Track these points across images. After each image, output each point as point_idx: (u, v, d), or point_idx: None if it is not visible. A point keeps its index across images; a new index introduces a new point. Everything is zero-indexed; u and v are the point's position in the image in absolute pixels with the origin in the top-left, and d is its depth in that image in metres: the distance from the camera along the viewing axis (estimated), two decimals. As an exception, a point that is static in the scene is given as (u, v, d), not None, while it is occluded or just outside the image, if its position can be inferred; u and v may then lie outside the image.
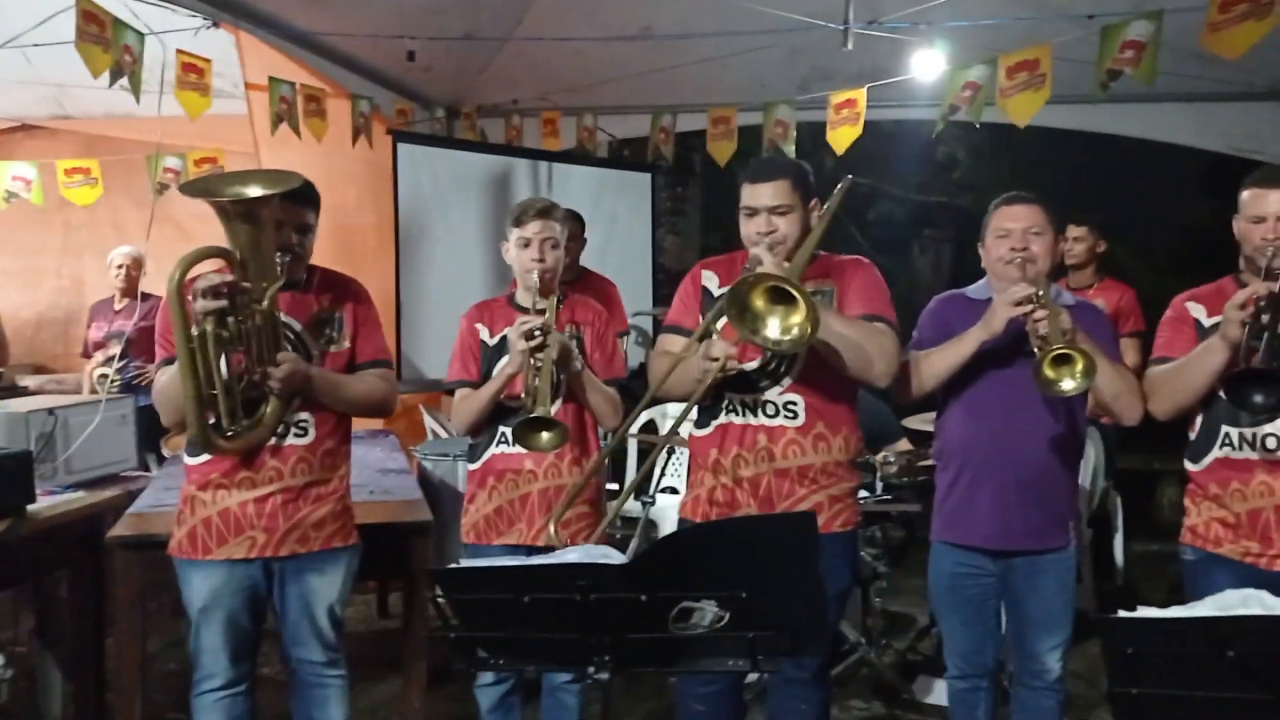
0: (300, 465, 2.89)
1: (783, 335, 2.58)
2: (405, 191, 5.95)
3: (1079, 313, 2.94)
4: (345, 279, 3.09)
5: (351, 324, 2.99)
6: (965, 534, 3.02)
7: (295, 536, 2.89)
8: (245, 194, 2.64)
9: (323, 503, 2.94)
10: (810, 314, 2.52)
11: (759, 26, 5.36)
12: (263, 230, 2.70)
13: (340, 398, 2.93)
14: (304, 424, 2.90)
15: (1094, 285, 5.38)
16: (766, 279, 2.59)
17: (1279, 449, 2.69)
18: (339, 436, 3.00)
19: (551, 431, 2.94)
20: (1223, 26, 3.60)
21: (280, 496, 2.87)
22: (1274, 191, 2.70)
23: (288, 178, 2.74)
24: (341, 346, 2.98)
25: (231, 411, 2.73)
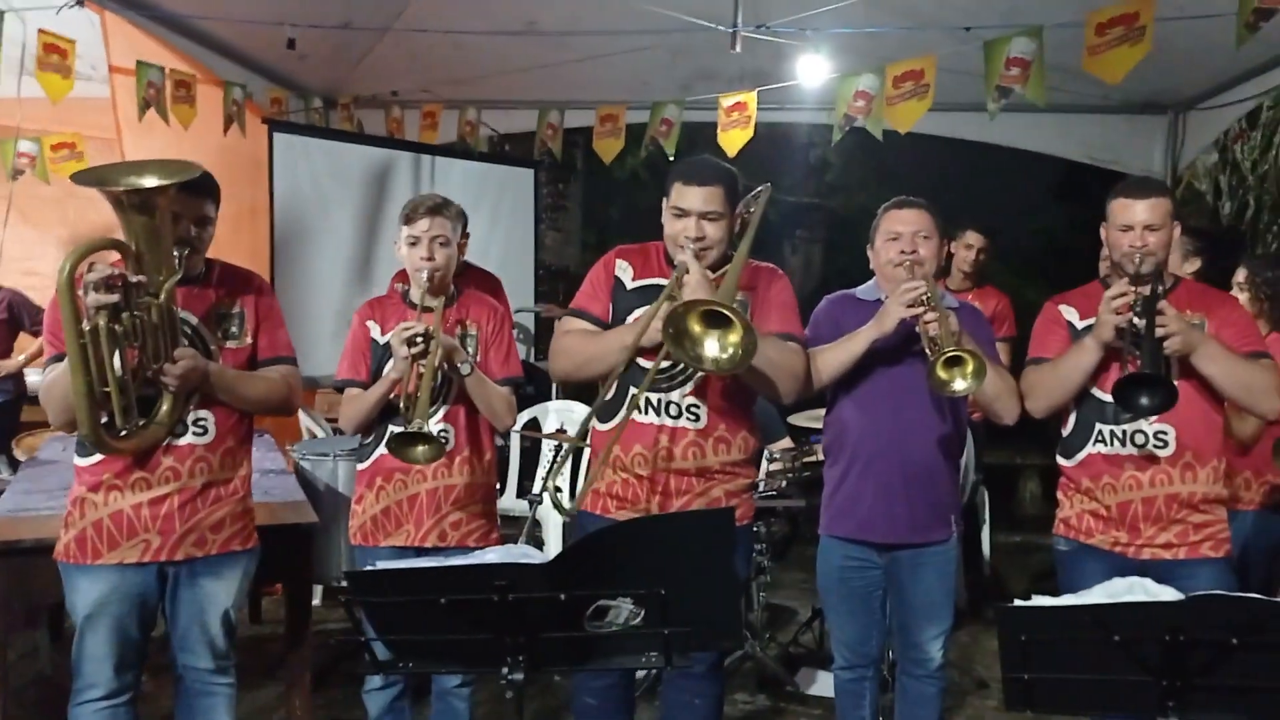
0: (199, 465, 2.78)
1: (720, 354, 2.58)
2: (281, 183, 5.77)
3: (962, 315, 3.04)
4: (247, 273, 2.98)
5: (253, 319, 2.90)
6: (853, 527, 3.10)
7: (192, 539, 2.78)
8: (141, 184, 2.53)
9: (222, 504, 2.83)
10: (747, 336, 2.53)
11: (645, 26, 5.38)
12: (159, 222, 2.59)
13: (240, 395, 2.83)
14: (203, 422, 2.79)
15: (972, 290, 5.59)
16: (703, 304, 2.59)
17: (1148, 444, 2.84)
18: (240, 435, 2.90)
19: (428, 445, 2.90)
20: (1100, 51, 3.79)
21: (177, 498, 2.76)
22: (1140, 201, 2.85)
23: (186, 168, 2.63)
24: (242, 342, 2.88)
25: (125, 410, 2.61)
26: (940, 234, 3.09)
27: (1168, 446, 2.83)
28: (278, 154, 5.72)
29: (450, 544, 3.14)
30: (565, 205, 9.00)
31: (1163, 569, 2.82)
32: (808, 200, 13.95)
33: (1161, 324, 2.69)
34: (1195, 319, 2.85)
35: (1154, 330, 2.68)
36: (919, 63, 4.36)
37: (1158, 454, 2.84)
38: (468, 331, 3.22)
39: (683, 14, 5.15)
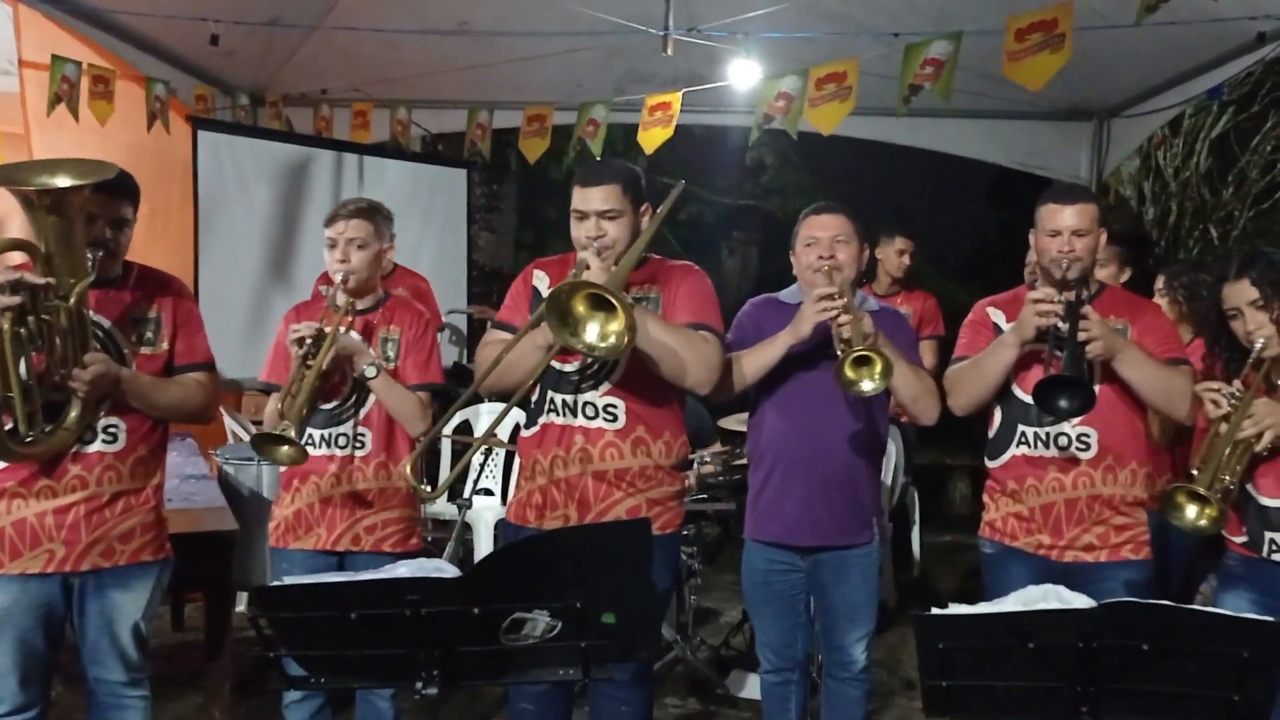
0: (108, 473, 2.71)
1: (599, 341, 2.58)
2: (205, 182, 5.63)
3: (882, 318, 3.08)
4: (165, 276, 2.91)
5: (170, 324, 2.83)
6: (776, 531, 3.11)
7: (99, 549, 2.70)
8: (53, 184, 2.45)
9: (132, 514, 2.76)
10: (628, 321, 2.54)
11: (578, 28, 5.35)
12: (72, 224, 2.52)
13: (153, 402, 2.76)
14: (114, 429, 2.72)
15: (900, 294, 5.64)
16: (586, 286, 2.59)
17: (1071, 446, 2.88)
18: (153, 443, 2.83)
19: (290, 448, 2.89)
20: (1021, 57, 3.84)
21: (84, 506, 2.68)
22: (1067, 208, 2.89)
23: (102, 168, 2.56)
24: (158, 348, 2.81)
25: (30, 416, 2.54)
26: (860, 238, 3.11)
27: (1090, 449, 2.87)
28: (202, 152, 5.58)
29: (364, 548, 3.12)
30: (499, 206, 8.93)
31: (1085, 571, 2.88)
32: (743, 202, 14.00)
33: (1084, 328, 2.73)
34: (1118, 324, 2.90)
35: (1077, 334, 2.71)
36: (842, 65, 4.39)
37: (1080, 456, 2.88)
38: (389, 335, 3.18)
39: (615, 16, 5.13)
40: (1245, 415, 2.53)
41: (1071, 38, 3.78)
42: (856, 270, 3.11)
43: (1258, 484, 2.63)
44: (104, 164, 2.59)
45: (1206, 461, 2.58)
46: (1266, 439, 2.52)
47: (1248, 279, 2.61)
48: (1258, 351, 2.58)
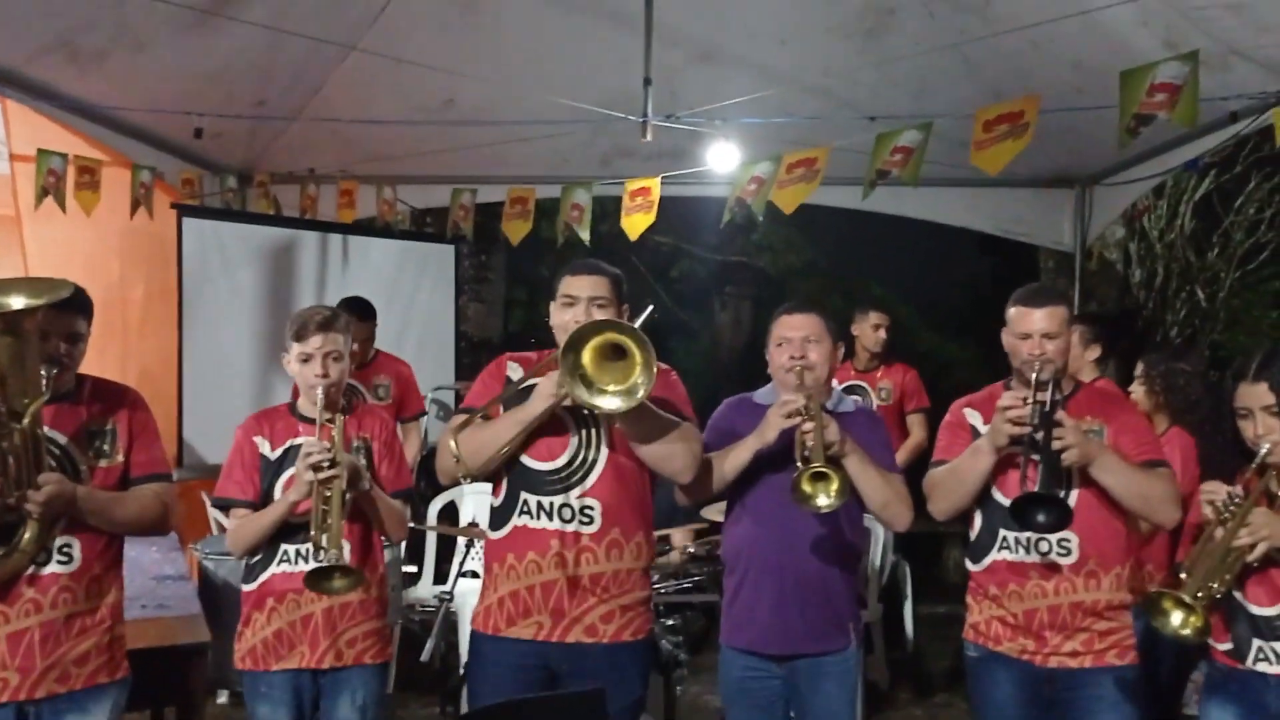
0: (62, 595, 2.67)
1: (622, 398, 2.57)
2: (190, 267, 5.64)
3: (855, 420, 3.08)
4: (119, 388, 2.90)
5: (125, 436, 2.81)
6: (750, 638, 3.09)
7: (54, 675, 2.65)
8: (7, 307, 2.44)
9: (87, 635, 2.72)
10: (644, 356, 2.54)
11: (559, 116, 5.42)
12: (26, 343, 2.51)
13: (110, 519, 2.73)
14: (68, 549, 2.68)
15: (880, 368, 5.65)
16: (607, 328, 2.59)
17: (1051, 552, 2.86)
18: (108, 560, 2.79)
19: (346, 578, 2.84)
20: (986, 145, 3.90)
21: (38, 631, 2.63)
22: (1037, 310, 2.90)
23: (55, 287, 2.55)
24: (114, 461, 2.78)
25: (-17, 541, 2.50)
26: (832, 337, 3.12)
27: (1071, 554, 2.86)
28: (187, 238, 5.60)
29: (346, 662, 3.08)
30: (488, 277, 8.96)
31: (1069, 676, 2.86)
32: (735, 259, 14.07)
33: (1058, 436, 2.72)
34: (1094, 425, 2.89)
35: (1051, 442, 2.71)
36: (814, 152, 4.46)
37: (1061, 562, 2.86)
38: (366, 444, 3.17)
39: (595, 106, 5.19)
40: (1242, 523, 2.48)
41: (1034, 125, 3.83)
42: (830, 369, 3.11)
43: (1247, 592, 2.59)
44: (58, 282, 2.59)
45: (1196, 566, 2.54)
46: (1260, 550, 2.47)
47: (1266, 383, 2.54)
48: (1263, 457, 2.53)
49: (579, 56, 5.78)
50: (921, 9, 5.41)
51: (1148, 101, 3.54)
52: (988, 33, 5.10)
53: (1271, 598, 2.56)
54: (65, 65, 4.64)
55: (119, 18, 4.46)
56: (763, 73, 5.79)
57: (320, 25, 5.26)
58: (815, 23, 5.68)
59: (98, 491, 2.71)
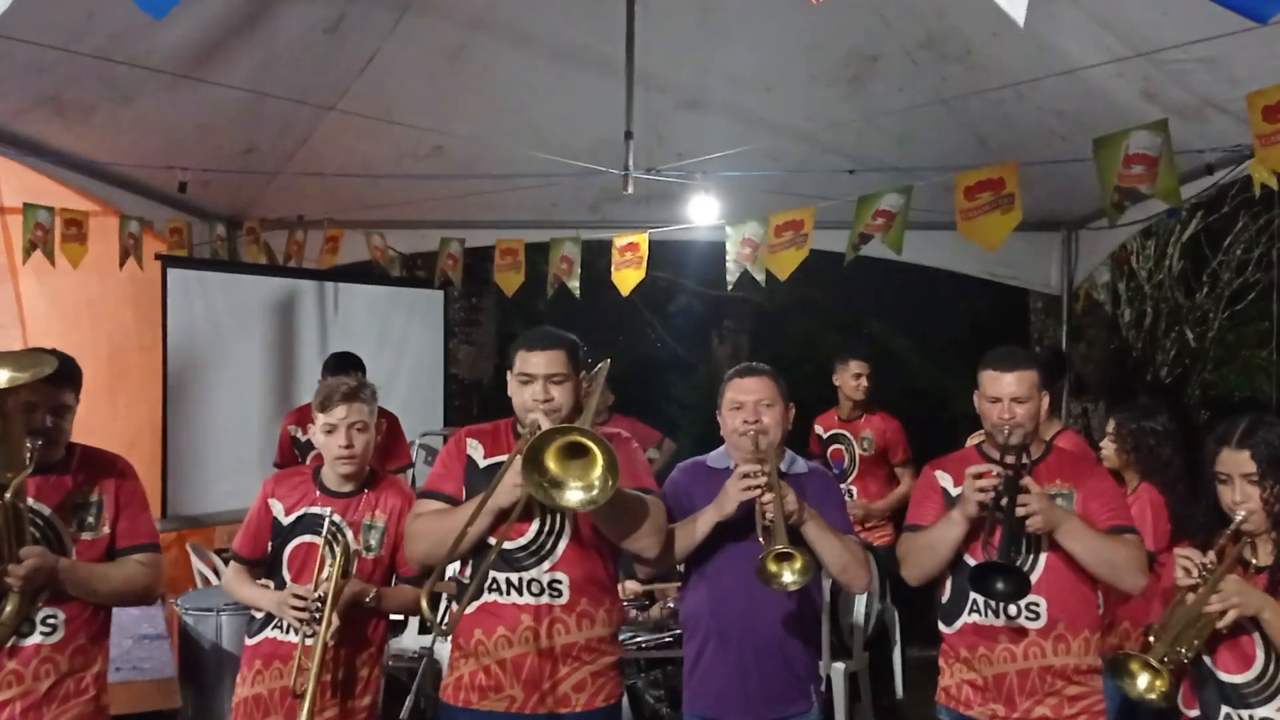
0: (44, 667, 2.67)
1: (588, 492, 2.55)
2: (176, 317, 5.67)
3: (811, 481, 3.08)
4: (108, 457, 2.90)
5: (112, 507, 2.81)
6: (710, 705, 3.08)
7: None
8: None
9: (70, 707, 2.72)
10: (608, 459, 2.52)
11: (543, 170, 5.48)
12: (10, 419, 2.53)
13: (95, 590, 2.74)
14: (52, 621, 2.68)
15: (863, 417, 5.66)
16: (566, 432, 2.56)
17: (1019, 616, 2.86)
18: (93, 630, 2.79)
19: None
20: (974, 215, 3.92)
21: (19, 704, 2.63)
22: (1007, 374, 2.91)
23: (40, 362, 2.57)
24: (99, 533, 2.79)
25: (-35, 614, 2.51)
26: (785, 400, 3.11)
27: (1039, 619, 2.86)
28: (172, 289, 5.61)
29: None
30: (478, 319, 9.00)
31: (1040, 741, 2.84)
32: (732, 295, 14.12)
33: (1023, 503, 2.73)
34: (1063, 489, 2.90)
35: (1015, 509, 2.71)
36: (799, 214, 4.51)
37: (1029, 626, 2.86)
38: (374, 523, 3.15)
39: (582, 152, 5.25)
40: (1214, 590, 2.47)
41: (1020, 199, 3.85)
42: (782, 432, 3.11)
43: (1216, 659, 2.57)
44: (43, 356, 2.62)
45: (1164, 630, 2.53)
46: (1230, 617, 2.46)
47: (1249, 450, 2.53)
48: (1237, 524, 2.53)
49: (565, 105, 5.85)
50: (904, 57, 5.47)
51: (1126, 173, 3.57)
52: (970, 82, 5.16)
53: (1240, 665, 2.55)
54: (52, 119, 4.70)
55: (104, 73, 4.50)
56: (747, 119, 5.85)
57: (305, 80, 5.32)
58: (799, 70, 5.74)
59: (81, 564, 2.72)
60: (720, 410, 3.15)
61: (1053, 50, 4.63)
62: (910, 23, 5.27)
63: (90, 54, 4.16)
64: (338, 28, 5.31)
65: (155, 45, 4.46)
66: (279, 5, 4.82)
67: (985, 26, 4.96)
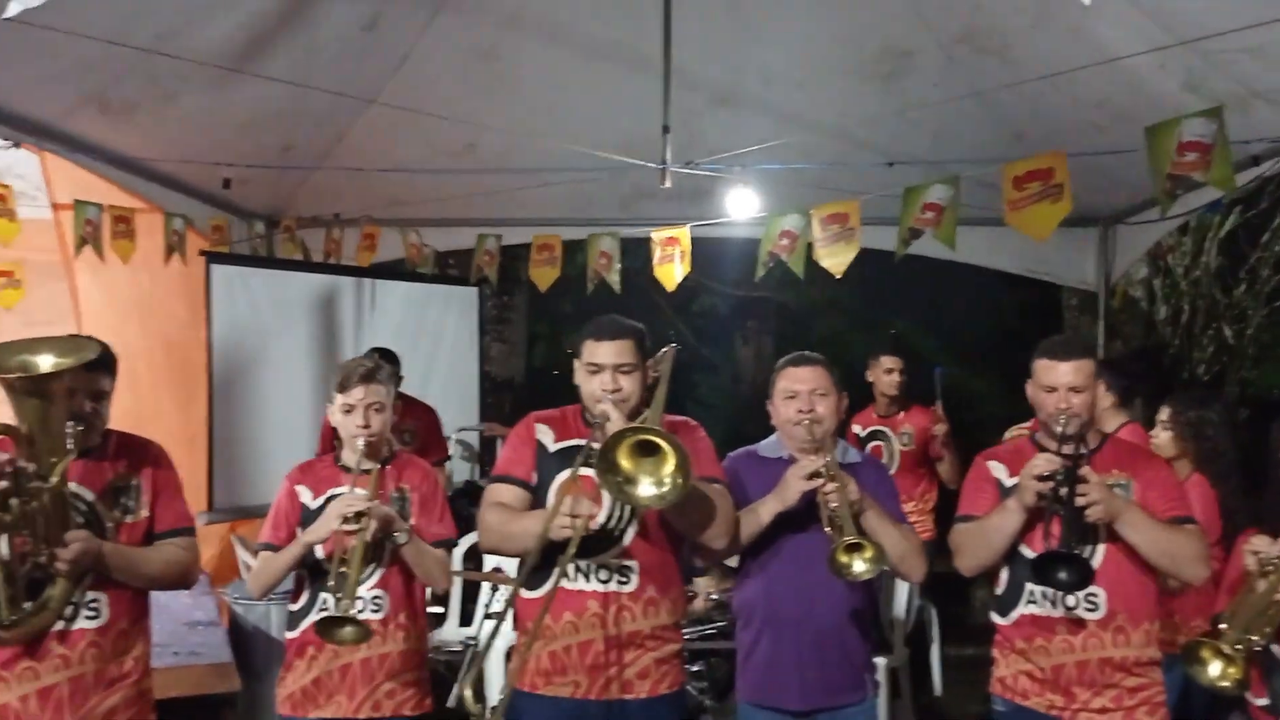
0: (90, 650, 2.70)
1: (659, 488, 2.55)
2: (220, 312, 5.72)
3: (864, 471, 3.08)
4: (143, 442, 2.93)
5: (150, 491, 2.84)
6: (768, 694, 3.08)
7: None
8: (35, 370, 2.48)
9: (115, 690, 2.74)
10: (680, 459, 2.52)
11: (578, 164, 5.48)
12: (53, 404, 2.55)
13: (137, 574, 2.77)
14: (95, 605, 2.71)
15: (902, 412, 5.65)
16: (640, 431, 2.57)
17: (1078, 606, 2.84)
18: (134, 615, 2.82)
19: (354, 628, 2.87)
20: (1022, 205, 3.88)
21: (67, 687, 2.66)
22: (1063, 363, 2.89)
23: (82, 348, 2.61)
24: (139, 516, 2.82)
25: (13, 599, 2.54)
26: (838, 389, 3.12)
27: (1098, 609, 2.84)
28: (216, 284, 5.68)
29: (384, 713, 3.09)
30: (510, 317, 9.03)
31: (1100, 733, 2.82)
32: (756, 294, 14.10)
33: (1082, 493, 2.71)
34: (1121, 480, 2.88)
35: (1074, 499, 2.70)
36: (844, 206, 4.46)
37: (1088, 617, 2.84)
38: (405, 495, 3.18)
39: (616, 149, 5.24)
40: None
41: (1069, 185, 3.82)
42: (836, 421, 3.11)
43: None
44: (84, 342, 2.66)
45: (1235, 617, 2.54)
46: None
47: None
48: None
49: (598, 102, 5.86)
50: (939, 52, 5.45)
51: (1179, 161, 3.52)
52: (1007, 75, 5.13)
53: None
54: (99, 118, 4.75)
55: (149, 71, 4.55)
56: (781, 116, 5.84)
57: (342, 77, 5.35)
58: (833, 66, 5.73)
59: (124, 547, 2.75)
60: (772, 400, 3.16)
61: (1092, 41, 4.60)
62: (946, 17, 5.26)
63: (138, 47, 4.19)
64: (374, 26, 5.35)
65: (198, 44, 4.50)
66: (317, 3, 4.86)
67: (1023, 19, 4.95)
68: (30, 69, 4.18)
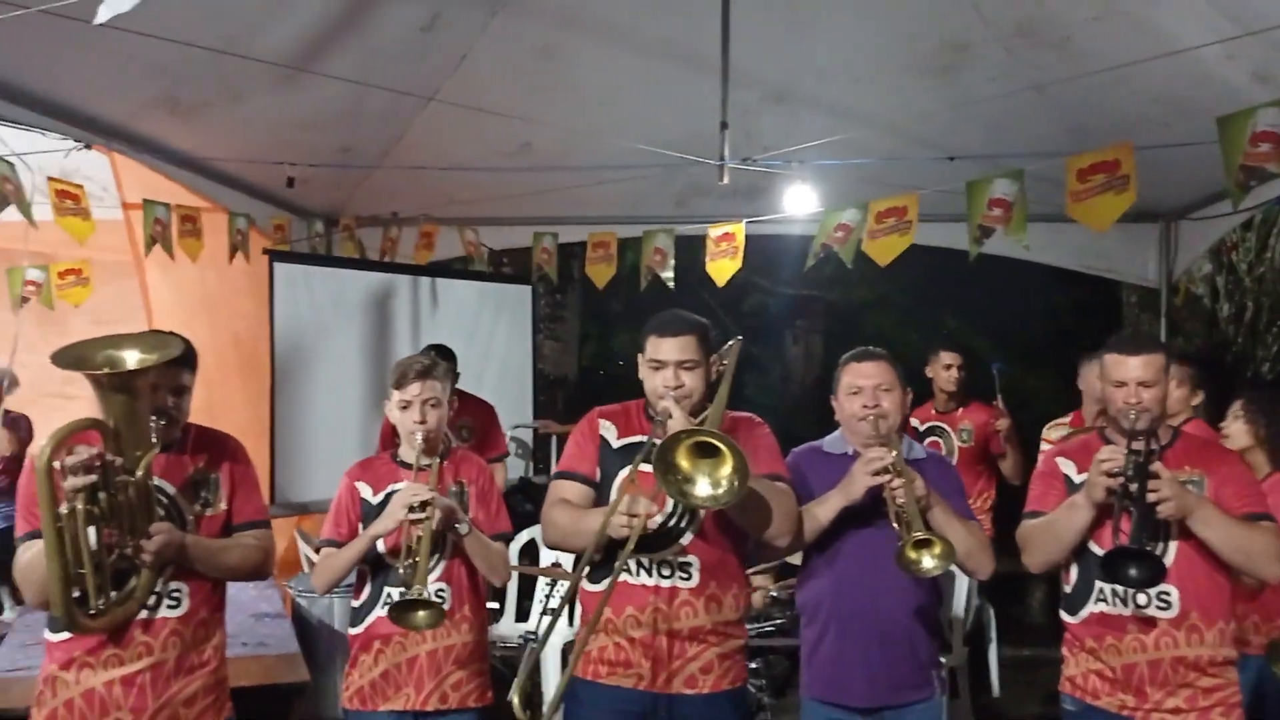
0: (172, 639, 2.75)
1: (715, 489, 2.54)
2: (282, 310, 5.83)
3: (929, 466, 3.05)
4: (222, 437, 2.99)
5: (228, 484, 2.89)
6: (833, 691, 3.07)
7: (164, 716, 2.73)
8: (121, 366, 2.54)
9: (195, 677, 2.80)
10: (738, 462, 2.52)
11: (635, 161, 5.49)
12: (138, 399, 2.59)
13: (216, 565, 2.82)
14: (177, 594, 2.77)
15: (960, 409, 5.59)
16: (696, 433, 2.57)
17: (1150, 604, 2.80)
18: (213, 604, 2.88)
19: (428, 611, 2.91)
20: (1084, 197, 3.83)
21: (149, 674, 2.72)
22: (1134, 358, 2.85)
23: (165, 344, 2.65)
24: (217, 509, 2.87)
25: (100, 588, 2.58)
26: (903, 385, 3.10)
27: (1171, 608, 2.79)
28: (278, 283, 5.78)
29: (451, 705, 3.13)
30: (563, 315, 9.07)
31: (1173, 734, 2.78)
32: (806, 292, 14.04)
33: (1154, 488, 2.67)
34: (1193, 476, 2.83)
35: (1145, 495, 2.66)
36: (902, 200, 4.43)
37: (1160, 615, 2.80)
38: (463, 489, 3.23)
39: (670, 147, 5.25)
40: None
41: (1135, 177, 3.76)
42: (901, 416, 3.10)
43: None
44: (168, 338, 2.71)
45: None
46: None
47: None
48: None
49: (653, 99, 5.86)
50: (998, 45, 5.39)
51: (1252, 152, 3.45)
52: (1067, 69, 5.07)
53: None
54: (167, 119, 4.85)
55: (216, 72, 4.64)
56: (836, 112, 5.82)
57: (402, 76, 5.41)
58: (889, 61, 5.69)
59: (203, 539, 2.80)
60: (836, 395, 3.15)
61: (1157, 32, 4.54)
62: (1004, 11, 5.20)
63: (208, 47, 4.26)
64: (432, 26, 5.40)
65: (264, 46, 4.58)
66: (377, 5, 4.92)
67: (1085, 11, 4.88)
68: (102, 71, 4.28)
